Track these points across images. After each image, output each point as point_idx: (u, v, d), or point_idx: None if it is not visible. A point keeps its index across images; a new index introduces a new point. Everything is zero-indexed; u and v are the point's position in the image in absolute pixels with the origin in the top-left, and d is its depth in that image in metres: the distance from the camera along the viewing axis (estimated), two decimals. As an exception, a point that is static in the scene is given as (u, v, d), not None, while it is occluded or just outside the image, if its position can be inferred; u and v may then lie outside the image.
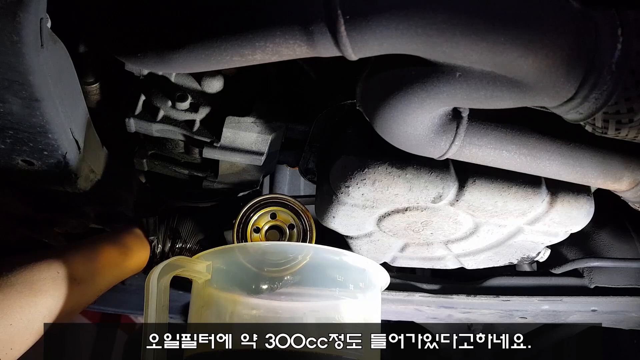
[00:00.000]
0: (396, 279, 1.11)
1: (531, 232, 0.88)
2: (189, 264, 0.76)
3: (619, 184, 0.73)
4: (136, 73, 0.81)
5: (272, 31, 0.54)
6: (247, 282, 0.77)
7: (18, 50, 0.54)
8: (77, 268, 0.75)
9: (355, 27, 0.51)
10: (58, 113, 0.67)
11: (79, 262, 0.76)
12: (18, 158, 0.73)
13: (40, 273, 0.70)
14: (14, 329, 0.65)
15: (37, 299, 0.68)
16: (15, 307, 0.65)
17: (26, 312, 0.66)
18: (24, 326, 0.66)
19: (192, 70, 0.66)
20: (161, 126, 0.85)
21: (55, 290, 0.70)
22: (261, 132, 0.86)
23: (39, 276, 0.69)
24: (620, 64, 0.52)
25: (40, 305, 0.68)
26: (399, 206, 0.82)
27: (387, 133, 0.65)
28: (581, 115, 0.58)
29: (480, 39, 0.51)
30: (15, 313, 0.65)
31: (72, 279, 0.73)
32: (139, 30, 0.63)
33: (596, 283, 1.12)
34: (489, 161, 0.69)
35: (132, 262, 0.87)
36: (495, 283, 1.12)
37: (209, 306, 0.78)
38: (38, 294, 0.68)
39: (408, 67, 0.58)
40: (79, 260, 0.77)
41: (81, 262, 0.77)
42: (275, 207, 0.91)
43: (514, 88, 0.56)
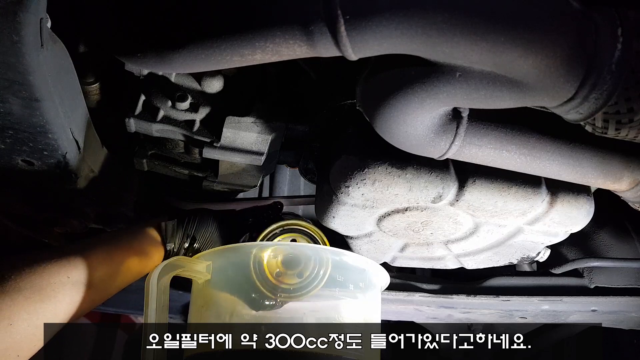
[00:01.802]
0: (396, 279, 1.12)
1: (531, 232, 0.88)
2: (189, 264, 0.76)
3: (619, 184, 0.73)
4: (136, 73, 0.81)
5: (272, 31, 0.54)
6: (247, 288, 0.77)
7: (18, 50, 0.54)
8: (89, 273, 0.72)
9: (355, 27, 0.51)
10: (58, 113, 0.67)
11: (92, 266, 0.73)
12: (18, 158, 0.73)
13: (50, 277, 0.67)
14: (20, 335, 0.63)
15: (45, 305, 0.66)
16: (22, 314, 0.63)
17: (34, 318, 0.64)
18: (32, 332, 0.64)
19: (192, 70, 0.66)
20: (161, 126, 0.85)
21: (64, 296, 0.68)
22: (261, 132, 0.86)
23: (48, 281, 0.67)
24: (620, 64, 0.52)
25: (48, 311, 0.66)
26: (399, 206, 0.82)
27: (387, 133, 0.65)
28: (581, 115, 0.58)
29: (480, 39, 0.51)
30: (23, 320, 0.63)
31: (83, 284, 0.70)
32: (139, 30, 0.63)
33: (596, 283, 1.12)
34: (489, 161, 0.69)
35: (146, 268, 0.83)
36: (495, 283, 1.12)
37: (209, 306, 0.78)
38: (46, 299, 0.66)
39: (408, 67, 0.58)
40: (91, 264, 0.73)
41: (94, 267, 0.73)
42: (296, 234, 0.90)
43: (514, 88, 0.56)
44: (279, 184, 1.49)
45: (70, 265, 0.70)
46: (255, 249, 0.79)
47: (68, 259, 0.71)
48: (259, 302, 0.77)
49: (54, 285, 0.67)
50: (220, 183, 1.00)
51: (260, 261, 0.78)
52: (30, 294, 0.65)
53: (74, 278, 0.70)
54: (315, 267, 0.78)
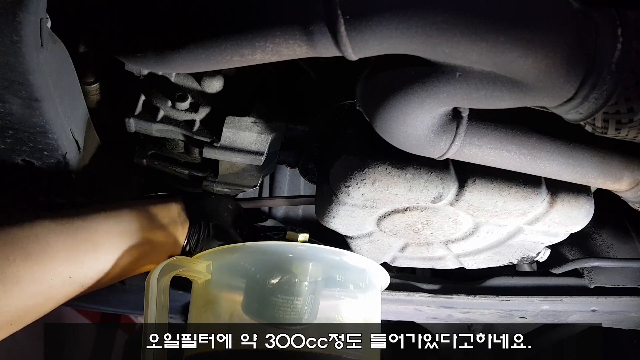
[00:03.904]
0: (396, 279, 1.11)
1: (531, 232, 0.88)
2: (189, 264, 0.76)
3: (619, 184, 0.73)
4: (136, 73, 0.81)
5: (272, 31, 0.54)
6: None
7: (18, 50, 0.54)
8: (91, 275, 0.71)
9: (355, 27, 0.51)
10: (58, 113, 0.67)
11: (96, 269, 0.71)
12: (18, 158, 0.73)
13: (51, 273, 0.66)
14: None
15: (37, 301, 0.66)
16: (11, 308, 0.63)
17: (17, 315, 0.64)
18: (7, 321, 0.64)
19: (192, 70, 0.66)
20: (161, 126, 0.85)
21: (60, 298, 0.68)
22: (261, 132, 0.86)
23: (49, 276, 0.66)
24: (620, 64, 0.52)
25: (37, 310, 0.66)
26: (399, 206, 0.82)
27: (387, 133, 0.65)
28: (581, 115, 0.58)
29: (480, 39, 0.51)
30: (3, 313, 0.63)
31: (80, 285, 0.70)
32: (139, 30, 0.63)
33: (596, 283, 1.12)
34: (489, 161, 0.69)
35: (150, 265, 0.82)
36: (495, 283, 1.12)
37: (209, 306, 0.78)
38: (39, 296, 0.66)
39: (408, 67, 0.58)
40: (96, 266, 0.71)
41: (98, 269, 0.72)
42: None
43: (514, 88, 0.56)
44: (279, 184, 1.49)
45: (77, 264, 0.69)
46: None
47: (77, 257, 0.69)
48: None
49: (53, 282, 0.67)
50: (220, 183, 0.99)
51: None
52: (27, 286, 0.64)
53: (75, 279, 0.69)
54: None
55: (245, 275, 0.78)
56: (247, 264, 0.78)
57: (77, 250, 0.70)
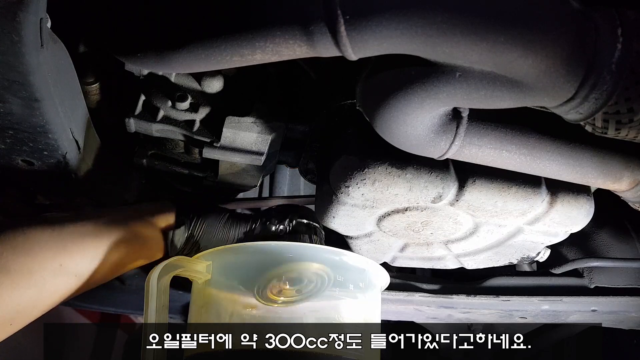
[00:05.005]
0: (396, 279, 1.12)
1: (531, 232, 0.88)
2: (188, 264, 0.76)
3: (619, 184, 0.73)
4: (136, 73, 0.81)
5: (272, 31, 0.54)
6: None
7: (18, 50, 0.54)
8: (83, 264, 0.71)
9: (355, 27, 0.51)
10: (58, 113, 0.67)
11: (87, 256, 0.72)
12: (18, 158, 0.73)
13: (43, 262, 0.67)
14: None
15: (29, 291, 0.65)
16: (4, 297, 0.63)
17: (14, 303, 0.64)
18: (10, 317, 0.64)
19: (192, 70, 0.66)
20: (161, 126, 0.85)
21: (51, 285, 0.67)
22: (261, 132, 0.86)
23: (40, 265, 0.66)
24: (620, 64, 0.52)
25: (31, 297, 0.66)
26: (399, 206, 0.82)
27: (387, 133, 0.65)
28: (581, 115, 0.58)
29: (480, 39, 0.51)
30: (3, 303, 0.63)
31: (74, 275, 0.70)
32: (139, 30, 0.63)
33: (596, 283, 1.12)
34: (489, 161, 0.69)
35: (140, 262, 0.83)
36: (495, 283, 1.12)
37: (209, 306, 0.78)
38: (33, 285, 0.65)
39: (408, 67, 0.58)
40: (87, 254, 0.72)
41: (89, 257, 0.72)
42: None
43: (514, 88, 0.56)
44: (279, 184, 1.49)
45: (65, 252, 0.69)
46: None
47: (65, 245, 0.70)
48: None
49: (44, 272, 0.66)
50: (220, 183, 1.00)
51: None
52: (18, 278, 0.64)
53: (66, 267, 0.69)
54: (317, 284, 0.76)
55: (246, 275, 0.78)
56: (247, 263, 0.78)
57: (64, 240, 0.70)
